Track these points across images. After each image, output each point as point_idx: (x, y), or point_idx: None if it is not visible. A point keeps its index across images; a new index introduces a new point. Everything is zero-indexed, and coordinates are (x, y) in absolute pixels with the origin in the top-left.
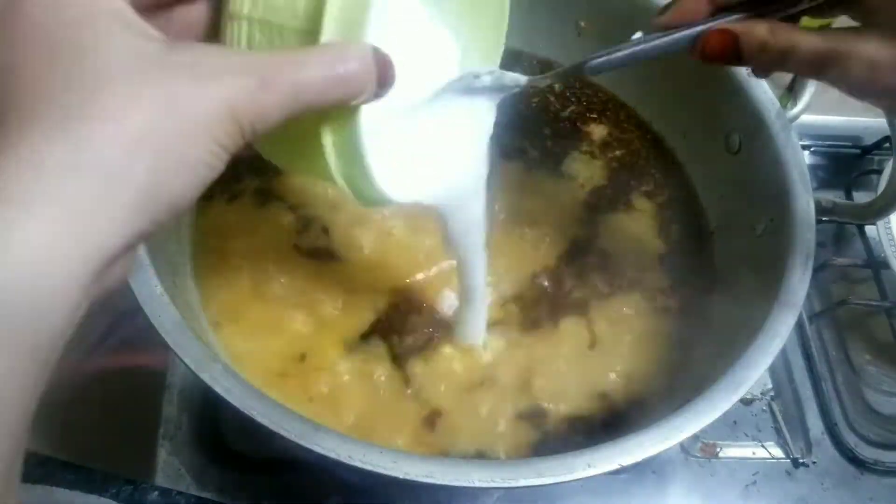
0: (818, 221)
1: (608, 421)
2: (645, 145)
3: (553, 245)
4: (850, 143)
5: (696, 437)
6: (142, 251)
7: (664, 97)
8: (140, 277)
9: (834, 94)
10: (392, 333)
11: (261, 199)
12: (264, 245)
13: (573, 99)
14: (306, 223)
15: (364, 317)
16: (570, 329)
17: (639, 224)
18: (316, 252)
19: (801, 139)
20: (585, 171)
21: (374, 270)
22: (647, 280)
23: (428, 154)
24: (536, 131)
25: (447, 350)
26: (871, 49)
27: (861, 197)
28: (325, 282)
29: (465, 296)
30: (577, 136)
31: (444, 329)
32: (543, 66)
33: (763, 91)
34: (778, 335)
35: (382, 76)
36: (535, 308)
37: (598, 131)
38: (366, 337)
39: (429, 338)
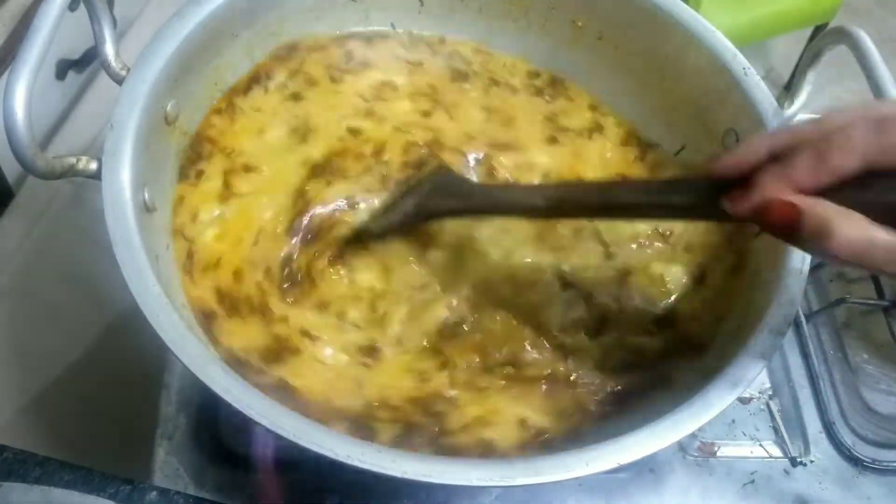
0: None
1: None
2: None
3: None
4: None
5: (693, 436)
6: (140, 252)
7: (662, 95)
8: (138, 277)
9: (831, 93)
10: None
11: None
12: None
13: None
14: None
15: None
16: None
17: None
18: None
19: None
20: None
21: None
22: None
23: None
24: None
25: None
26: None
27: None
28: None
29: None
30: None
31: None
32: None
33: (760, 90)
34: (775, 334)
35: None
36: None
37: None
38: None
39: None
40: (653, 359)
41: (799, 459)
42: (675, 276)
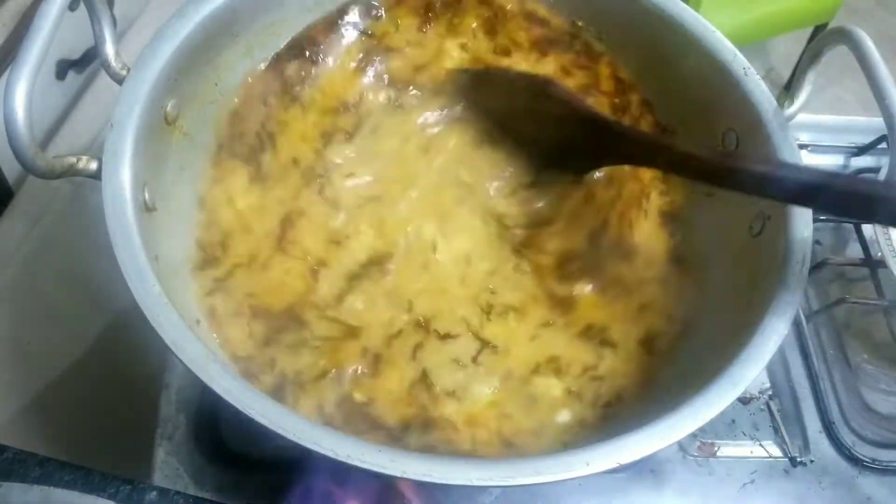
0: (815, 220)
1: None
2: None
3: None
4: (847, 142)
5: (693, 436)
6: (140, 252)
7: (662, 95)
8: (138, 277)
9: (831, 93)
10: None
11: None
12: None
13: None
14: None
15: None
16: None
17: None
18: None
19: (798, 138)
20: None
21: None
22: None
23: None
24: None
25: None
26: None
27: None
28: None
29: None
30: None
31: None
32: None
33: (760, 90)
34: (775, 334)
35: None
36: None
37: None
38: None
39: None
40: None
41: (799, 459)
42: None
